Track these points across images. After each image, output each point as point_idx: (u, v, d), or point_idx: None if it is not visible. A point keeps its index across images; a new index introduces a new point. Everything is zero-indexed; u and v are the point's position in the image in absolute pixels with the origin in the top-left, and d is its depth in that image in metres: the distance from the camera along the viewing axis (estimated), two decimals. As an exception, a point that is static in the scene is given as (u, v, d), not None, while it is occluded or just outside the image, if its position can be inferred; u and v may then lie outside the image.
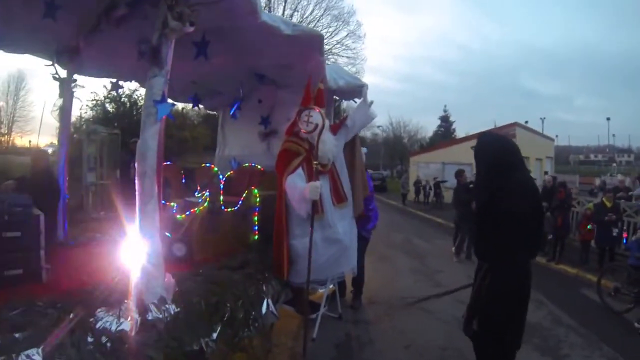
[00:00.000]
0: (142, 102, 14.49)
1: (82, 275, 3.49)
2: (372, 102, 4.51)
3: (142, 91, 5.87)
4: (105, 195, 9.11)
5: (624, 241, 8.64)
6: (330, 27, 27.57)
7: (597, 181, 16.41)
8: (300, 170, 3.86)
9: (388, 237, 10.49)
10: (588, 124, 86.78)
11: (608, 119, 54.09)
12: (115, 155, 9.70)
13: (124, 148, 8.94)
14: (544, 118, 47.10)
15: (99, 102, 14.78)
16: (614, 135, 55.00)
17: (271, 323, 3.73)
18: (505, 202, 2.65)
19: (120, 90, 13.39)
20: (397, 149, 47.75)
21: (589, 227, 8.61)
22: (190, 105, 7.42)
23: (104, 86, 14.61)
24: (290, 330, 4.38)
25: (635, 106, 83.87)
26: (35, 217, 3.49)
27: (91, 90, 15.60)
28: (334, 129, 4.28)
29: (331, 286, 4.55)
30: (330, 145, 3.95)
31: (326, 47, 26.51)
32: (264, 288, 3.68)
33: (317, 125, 3.80)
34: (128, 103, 14.84)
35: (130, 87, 12.60)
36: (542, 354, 4.39)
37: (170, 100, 2.77)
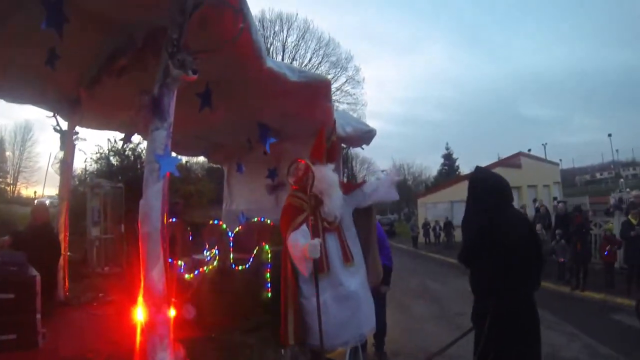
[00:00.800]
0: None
1: (82, 342, 3.22)
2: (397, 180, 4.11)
3: (145, 144, 5.88)
4: (110, 250, 8.95)
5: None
6: (329, 73, 28.08)
7: (611, 200, 16.08)
8: (304, 227, 3.51)
9: (403, 282, 10.07)
10: (589, 143, 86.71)
11: (609, 135, 53.82)
12: (119, 209, 9.60)
13: (129, 203, 8.85)
14: (546, 144, 47.14)
15: (103, 155, 14.85)
16: (617, 150, 54.81)
17: (290, 388, 3.43)
18: (508, 236, 2.69)
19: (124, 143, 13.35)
20: (403, 191, 47.44)
21: (608, 247, 8.35)
22: (194, 159, 7.32)
23: (108, 139, 14.70)
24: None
25: (633, 119, 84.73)
26: (30, 278, 3.26)
27: (95, 143, 15.68)
28: (347, 189, 3.95)
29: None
30: (337, 203, 3.63)
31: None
32: (282, 352, 3.47)
33: (306, 178, 3.55)
34: (132, 156, 14.83)
35: (135, 140, 12.63)
36: (586, 392, 4.06)
37: (174, 154, 2.61)
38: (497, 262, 2.69)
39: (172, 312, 2.55)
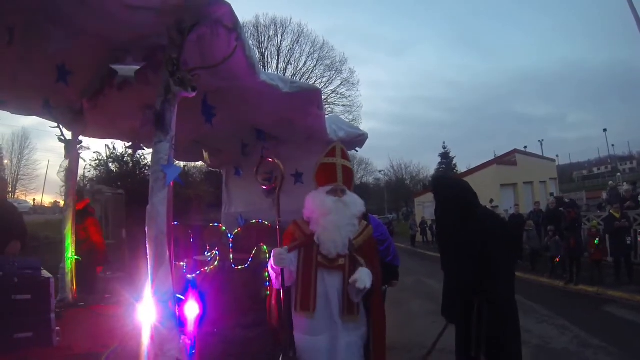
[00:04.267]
0: (145, 161, 14.48)
1: (94, 339, 3.42)
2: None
3: (144, 151, 6.12)
4: (112, 255, 9.13)
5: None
6: (324, 77, 28.58)
7: (604, 195, 16.27)
8: (293, 253, 2.89)
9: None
10: (586, 139, 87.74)
11: (605, 130, 54.18)
12: (121, 215, 9.80)
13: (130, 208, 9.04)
14: (542, 140, 47.71)
15: (102, 161, 15.03)
16: (613, 145, 55.20)
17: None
18: (477, 238, 2.82)
19: (123, 150, 13.52)
20: (401, 191, 47.66)
21: (596, 242, 8.58)
22: (192, 163, 7.41)
23: (106, 146, 14.86)
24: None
25: (627, 113, 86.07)
26: (45, 280, 3.50)
27: (94, 150, 15.92)
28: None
29: None
30: (332, 237, 2.85)
31: (322, 98, 27.81)
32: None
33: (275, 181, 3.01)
34: (131, 163, 15.02)
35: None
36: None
37: (178, 163, 2.81)
38: (468, 263, 2.85)
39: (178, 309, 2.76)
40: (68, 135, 5.12)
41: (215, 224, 5.14)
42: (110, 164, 15.21)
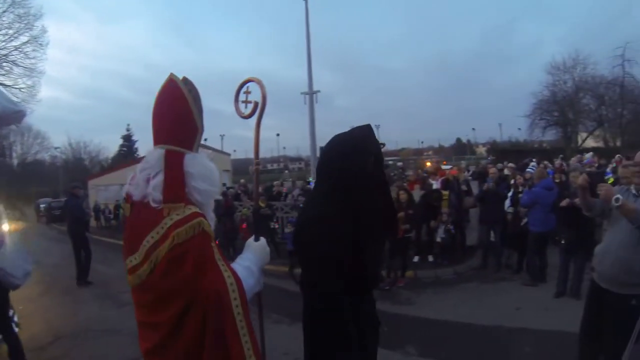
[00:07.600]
0: None
1: None
2: None
3: None
4: None
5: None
6: (11, 28, 23.60)
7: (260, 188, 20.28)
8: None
9: (68, 270, 9.65)
10: (263, 140, 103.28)
11: (278, 134, 64.54)
12: None
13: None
14: (224, 135, 51.41)
15: None
16: (284, 147, 66.41)
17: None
18: None
19: None
20: (78, 171, 42.77)
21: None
22: None
23: None
24: None
25: (298, 123, 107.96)
26: None
27: None
28: None
29: None
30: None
31: (3, 53, 23.37)
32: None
33: (256, 104, 2.04)
34: None
35: None
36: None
37: None
38: None
39: None
40: None
41: None
42: None
